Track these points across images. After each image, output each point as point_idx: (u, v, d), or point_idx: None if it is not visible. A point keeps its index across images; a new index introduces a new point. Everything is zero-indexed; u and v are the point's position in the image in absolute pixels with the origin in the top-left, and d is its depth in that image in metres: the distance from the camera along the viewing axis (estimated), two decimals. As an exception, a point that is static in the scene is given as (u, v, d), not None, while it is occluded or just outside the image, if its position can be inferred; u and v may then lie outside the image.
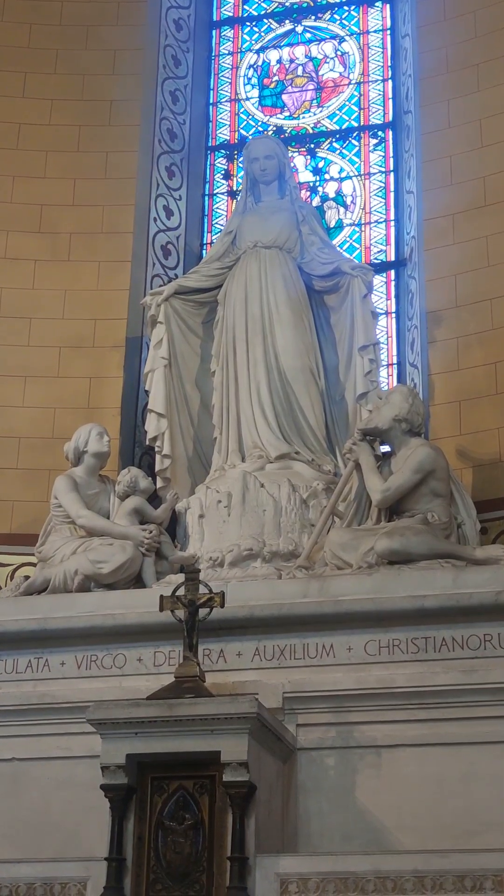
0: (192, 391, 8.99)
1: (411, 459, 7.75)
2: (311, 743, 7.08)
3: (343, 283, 8.82)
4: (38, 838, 7.21)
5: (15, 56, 10.07)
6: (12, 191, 9.71)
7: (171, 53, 10.45)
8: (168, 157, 10.12)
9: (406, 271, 9.56)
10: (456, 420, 8.61)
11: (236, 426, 8.62)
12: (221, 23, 11.03)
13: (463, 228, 9.04)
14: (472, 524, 7.83)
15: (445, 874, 6.02)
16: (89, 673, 7.58)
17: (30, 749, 7.44)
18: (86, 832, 7.00)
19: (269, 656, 7.33)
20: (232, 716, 6.26)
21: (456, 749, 6.89)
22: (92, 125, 9.91)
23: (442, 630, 7.15)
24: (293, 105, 10.66)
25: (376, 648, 7.21)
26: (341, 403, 8.76)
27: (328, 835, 6.90)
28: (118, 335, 9.33)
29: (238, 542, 7.96)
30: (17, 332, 9.32)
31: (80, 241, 9.61)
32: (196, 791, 6.33)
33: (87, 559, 7.97)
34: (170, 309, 8.94)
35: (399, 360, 9.40)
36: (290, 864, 6.25)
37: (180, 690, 6.54)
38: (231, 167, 10.47)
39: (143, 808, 6.37)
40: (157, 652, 7.49)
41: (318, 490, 8.14)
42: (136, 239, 9.66)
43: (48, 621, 7.70)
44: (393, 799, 6.88)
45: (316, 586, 7.44)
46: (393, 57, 10.40)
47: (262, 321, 8.70)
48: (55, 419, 9.07)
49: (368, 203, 10.04)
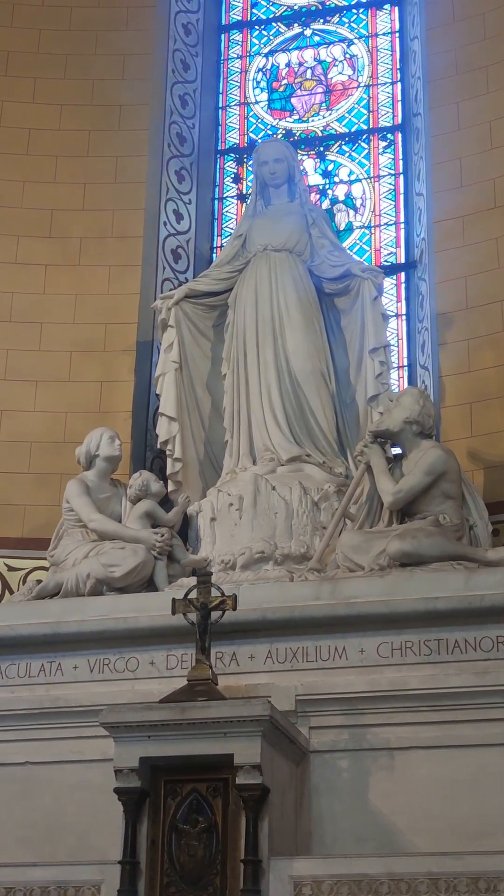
0: (202, 394, 8.99)
1: (422, 461, 7.75)
2: (324, 745, 7.07)
3: (353, 286, 8.81)
4: (52, 842, 7.22)
5: (25, 61, 10.10)
6: (23, 196, 9.73)
7: (181, 58, 10.46)
8: (178, 161, 10.13)
9: (416, 273, 9.56)
10: (467, 422, 8.61)
11: (247, 429, 8.63)
12: (230, 27, 11.04)
13: (473, 230, 9.04)
14: (483, 526, 7.81)
15: (459, 876, 5.99)
16: (102, 676, 7.58)
17: (43, 753, 7.45)
18: (99, 836, 6.99)
19: (281, 659, 7.33)
20: (245, 719, 6.25)
21: (469, 751, 6.87)
22: (102, 130, 9.93)
23: (454, 632, 7.13)
24: (302, 108, 10.66)
25: (389, 650, 7.20)
26: (352, 406, 8.75)
27: (341, 837, 6.89)
28: (129, 339, 9.34)
29: (250, 544, 7.96)
30: (28, 337, 9.34)
31: (91, 245, 9.63)
32: (209, 794, 6.32)
33: (99, 563, 7.98)
34: (180, 312, 8.95)
35: (409, 362, 9.40)
36: (304, 866, 6.24)
37: (193, 693, 6.54)
38: (241, 171, 10.47)
39: (157, 812, 6.36)
40: (169, 655, 7.49)
41: (329, 492, 8.14)
42: (146, 243, 9.67)
43: (60, 625, 7.71)
44: (406, 801, 6.87)
45: (328, 589, 7.44)
46: (402, 59, 10.40)
47: (273, 324, 8.71)
48: (66, 423, 9.08)
49: (378, 205, 10.04)
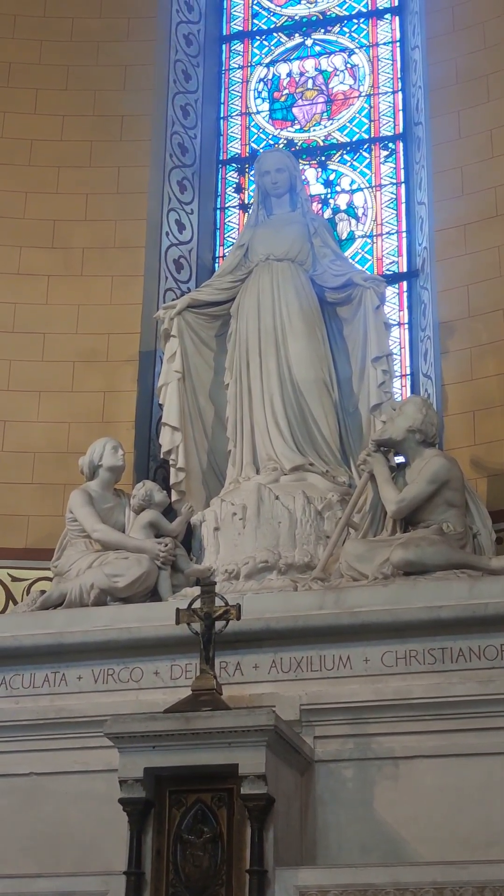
0: (205, 404, 9.00)
1: (426, 470, 7.75)
2: (329, 755, 7.06)
3: (356, 295, 8.82)
4: (57, 853, 7.21)
5: (26, 72, 10.12)
6: (25, 206, 9.74)
7: (182, 68, 10.48)
8: (179, 172, 10.15)
9: (418, 282, 9.57)
10: (470, 430, 8.61)
11: (250, 438, 8.63)
12: (231, 37, 11.06)
13: (475, 239, 9.04)
14: (487, 534, 7.81)
15: (465, 885, 5.98)
16: (106, 687, 7.57)
17: (47, 763, 7.44)
18: (104, 846, 6.98)
19: (285, 668, 7.32)
20: (249, 728, 6.24)
21: (474, 760, 6.86)
22: (103, 140, 9.94)
23: (458, 640, 7.12)
24: (304, 118, 10.68)
25: (393, 659, 7.19)
26: (355, 415, 8.75)
27: (347, 847, 6.87)
28: (132, 349, 9.35)
29: (253, 554, 7.96)
30: (31, 348, 9.35)
31: (93, 255, 9.64)
32: (214, 804, 6.31)
33: (102, 573, 7.97)
34: (183, 322, 8.96)
35: (412, 370, 9.40)
36: (309, 876, 6.22)
37: (197, 703, 6.53)
38: (242, 180, 10.49)
39: (162, 822, 6.34)
40: (173, 665, 7.48)
41: (332, 501, 8.14)
42: (149, 253, 9.68)
43: (64, 635, 7.70)
44: (411, 810, 6.86)
45: (332, 598, 7.43)
46: (402, 69, 10.42)
47: (275, 333, 8.71)
48: (69, 434, 9.09)
49: (380, 214, 10.05)
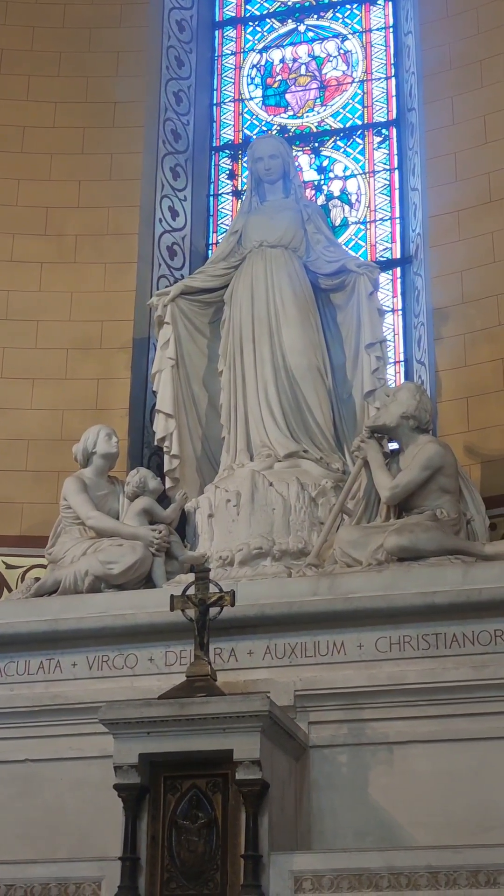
0: (199, 391, 8.99)
1: (419, 456, 7.76)
2: (324, 740, 7.09)
3: (349, 281, 8.81)
4: (52, 839, 7.23)
5: (18, 59, 10.09)
6: (18, 193, 9.72)
7: (174, 54, 10.45)
8: (172, 158, 10.13)
9: (412, 268, 9.56)
10: (464, 416, 8.61)
11: (244, 425, 8.63)
12: (224, 23, 11.03)
13: (468, 225, 9.04)
14: (481, 520, 7.82)
15: (459, 870, 6.02)
16: (101, 673, 7.59)
17: (43, 750, 7.46)
18: (99, 832, 7.01)
19: (280, 654, 7.33)
20: (244, 714, 6.26)
21: (468, 745, 6.89)
22: (96, 127, 9.92)
23: (452, 626, 7.15)
24: (297, 104, 10.66)
25: (387, 645, 7.21)
26: (349, 401, 8.75)
27: (341, 832, 6.90)
28: (125, 336, 9.34)
29: (248, 540, 7.97)
30: (25, 335, 9.34)
31: (86, 242, 9.62)
32: (209, 790, 6.33)
33: (97, 560, 7.98)
34: (176, 309, 8.94)
35: (406, 357, 9.40)
36: (304, 861, 6.26)
37: (192, 690, 6.55)
38: (235, 167, 10.47)
39: (157, 808, 6.37)
40: (168, 652, 7.50)
41: (326, 488, 8.15)
42: (142, 240, 9.67)
43: (59, 622, 7.71)
44: (405, 795, 6.89)
45: (326, 584, 7.45)
46: (396, 54, 10.40)
47: (269, 320, 8.70)
48: (63, 421, 9.09)
49: (373, 201, 10.03)
